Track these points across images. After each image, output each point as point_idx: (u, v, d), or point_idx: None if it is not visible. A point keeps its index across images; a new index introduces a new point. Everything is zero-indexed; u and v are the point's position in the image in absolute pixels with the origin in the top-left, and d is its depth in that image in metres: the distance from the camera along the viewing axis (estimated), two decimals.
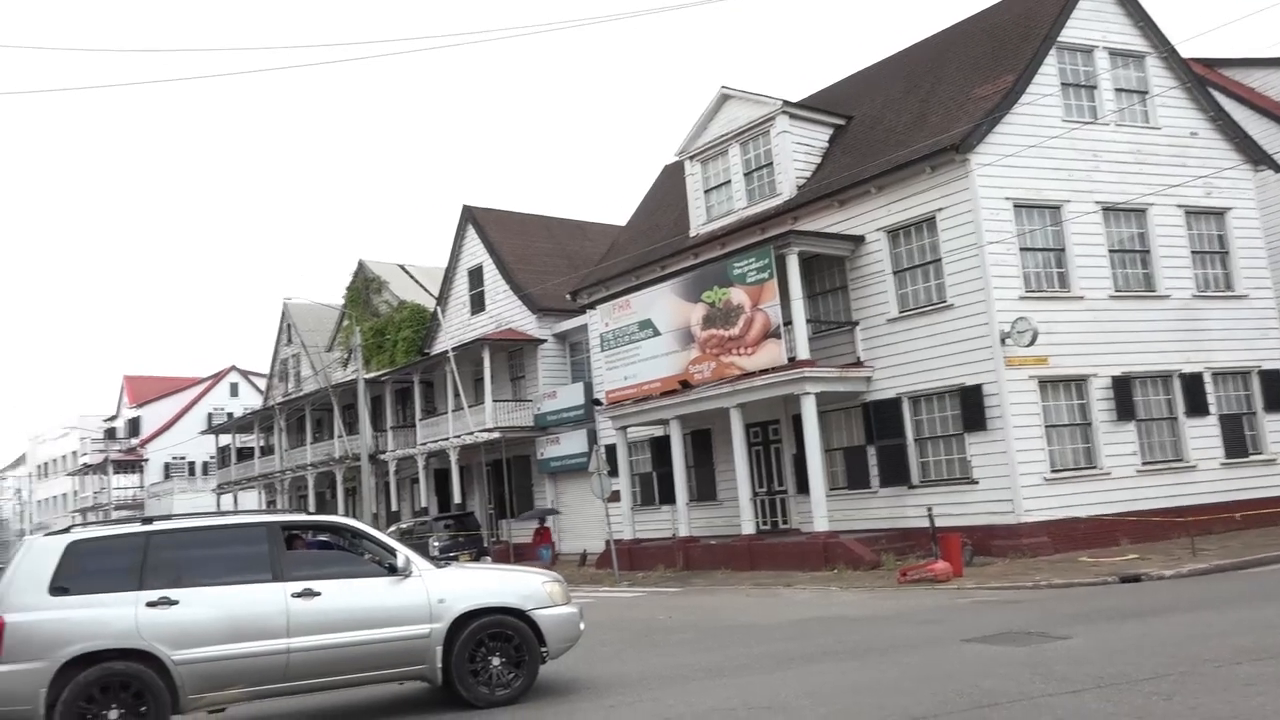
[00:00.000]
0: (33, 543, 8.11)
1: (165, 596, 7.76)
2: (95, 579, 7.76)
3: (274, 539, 8.33)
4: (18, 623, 7.46)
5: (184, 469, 64.18)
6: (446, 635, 8.31)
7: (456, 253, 35.99)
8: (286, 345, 48.64)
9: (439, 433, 33.61)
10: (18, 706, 7.39)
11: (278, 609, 7.95)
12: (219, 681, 7.78)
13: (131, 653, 7.57)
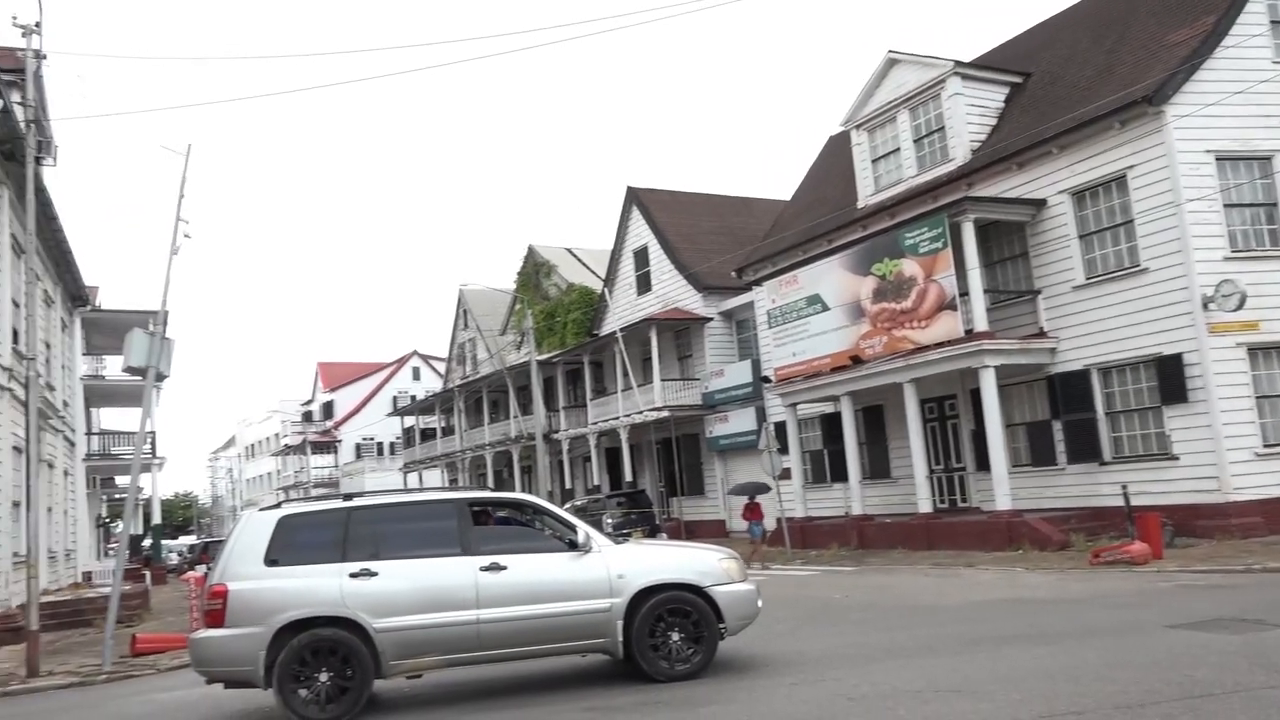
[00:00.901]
0: (249, 517, 8.73)
1: (366, 568, 8.22)
2: (303, 551, 8.30)
3: (462, 515, 8.69)
4: (239, 590, 8.09)
5: (373, 449, 68.00)
6: (626, 610, 8.46)
7: (622, 234, 36.42)
8: (463, 330, 50.61)
9: (609, 412, 34.23)
10: (241, 667, 8.04)
11: (468, 582, 8.29)
12: (416, 649, 8.20)
13: (337, 620, 8.07)
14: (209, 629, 8.17)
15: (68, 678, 12.82)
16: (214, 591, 8.14)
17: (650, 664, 8.46)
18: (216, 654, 8.13)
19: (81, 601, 20.30)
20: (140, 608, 20.98)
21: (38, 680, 12.68)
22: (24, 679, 12.76)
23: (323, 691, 7.99)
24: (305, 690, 7.99)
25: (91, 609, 19.36)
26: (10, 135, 16.34)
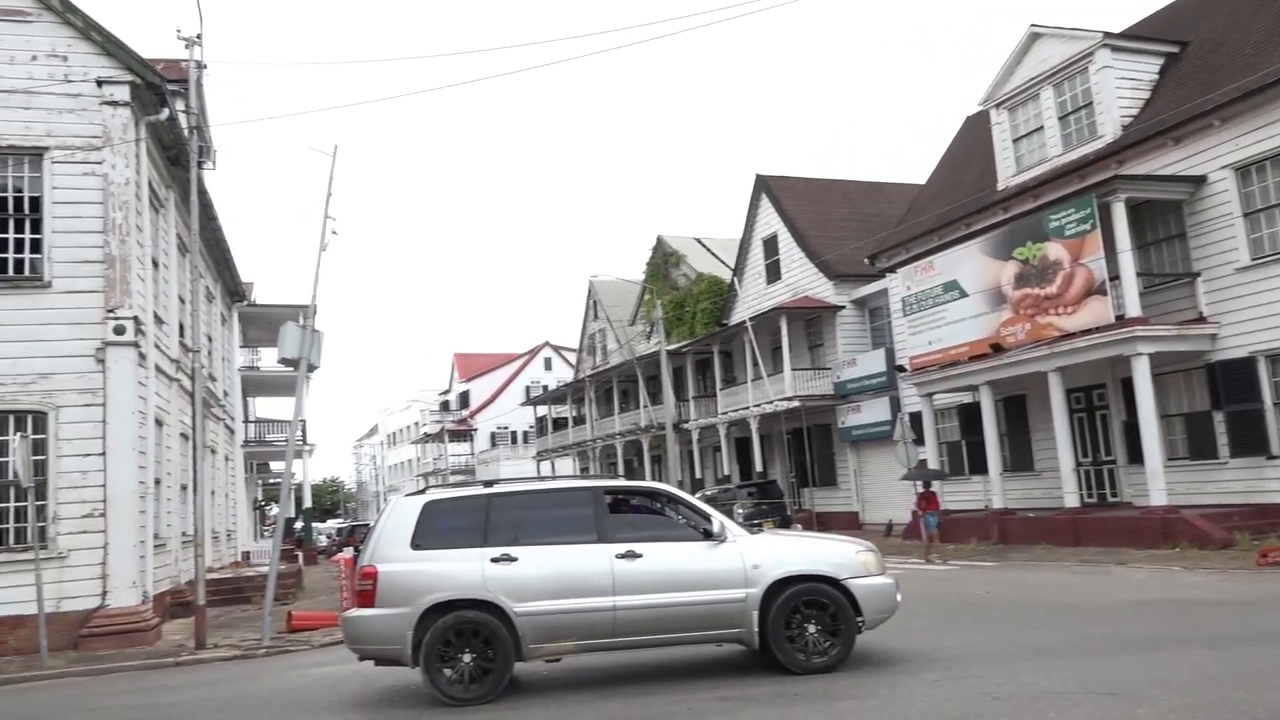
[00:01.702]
0: (396, 503, 9.05)
1: (506, 554, 8.42)
2: (447, 536, 8.55)
3: (598, 502, 8.82)
4: (387, 572, 8.40)
5: (507, 438, 69.73)
6: (762, 601, 8.41)
7: (751, 223, 36.14)
8: (593, 320, 51.28)
9: (739, 402, 34.08)
10: (390, 646, 8.38)
11: (604, 569, 8.40)
12: (554, 633, 8.37)
13: (480, 603, 8.29)
14: (360, 609, 8.52)
15: (231, 651, 13.64)
16: (364, 573, 8.48)
17: (786, 655, 8.39)
18: (367, 632, 8.48)
19: (241, 579, 21.59)
20: (294, 587, 22.16)
21: (204, 652, 13.54)
22: (193, 650, 13.66)
23: (466, 672, 8.22)
24: (450, 670, 8.22)
25: (251, 587, 20.56)
26: (175, 142, 17.42)
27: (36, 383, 14.71)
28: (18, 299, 14.85)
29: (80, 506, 14.62)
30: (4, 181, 15.19)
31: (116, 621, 14.33)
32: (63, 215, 15.18)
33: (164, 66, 16.85)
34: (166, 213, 18.91)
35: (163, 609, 16.53)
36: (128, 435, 14.90)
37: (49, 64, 15.38)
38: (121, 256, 15.20)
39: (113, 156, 15.35)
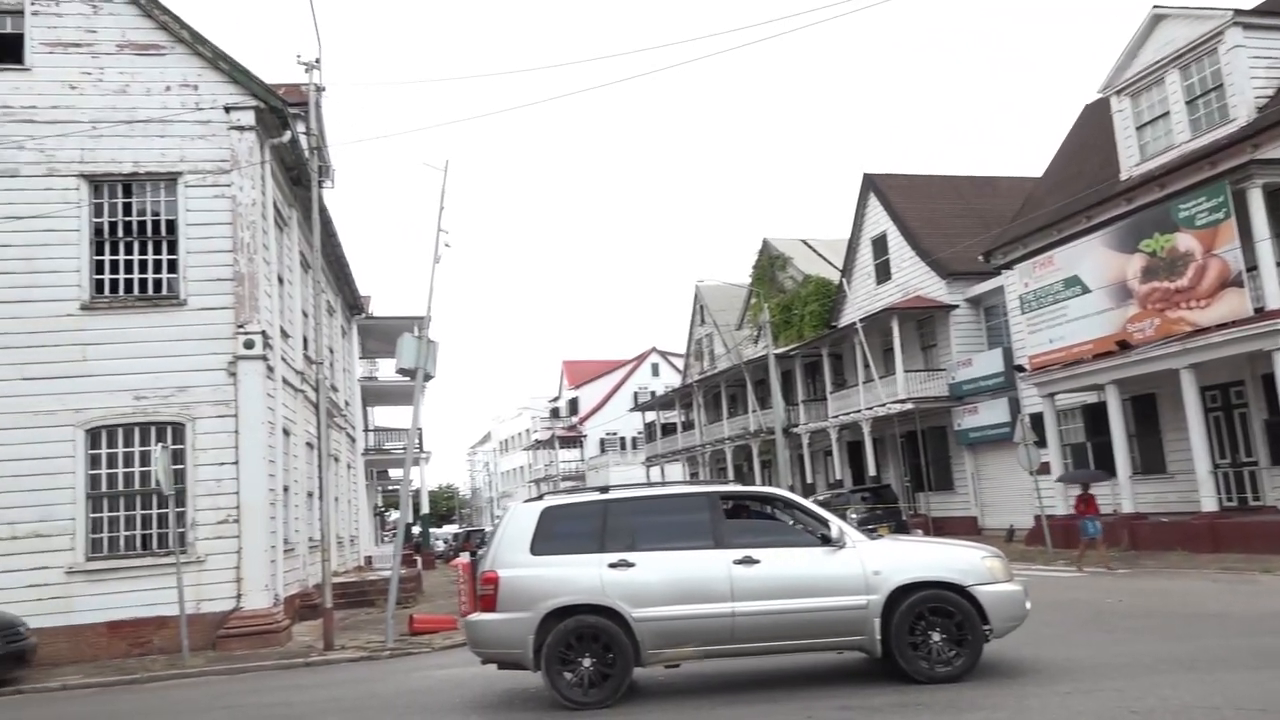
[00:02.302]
0: (515, 508, 9.22)
1: (623, 559, 8.48)
2: (565, 541, 8.65)
3: (714, 508, 8.79)
4: (508, 577, 8.57)
5: (616, 443, 70.27)
6: (884, 608, 8.24)
7: (859, 222, 35.55)
8: (700, 325, 51.24)
9: (850, 405, 33.53)
10: (512, 649, 8.54)
11: (721, 574, 8.36)
12: (673, 639, 8.37)
13: (598, 608, 8.36)
14: (483, 613, 8.68)
15: (357, 652, 14.10)
16: (486, 578, 8.65)
17: (910, 664, 8.19)
18: (490, 636, 8.65)
19: (365, 583, 22.31)
20: (414, 590, 22.77)
21: (332, 653, 14.03)
22: (321, 652, 14.17)
23: (586, 676, 8.31)
24: (570, 674, 8.33)
25: (374, 590, 21.22)
26: (297, 163, 18.17)
27: (175, 395, 15.53)
28: (157, 316, 15.72)
29: (215, 513, 15.36)
30: (143, 206, 16.12)
31: (250, 623, 14.99)
32: (196, 236, 16.00)
33: (285, 91, 17.60)
34: (290, 231, 19.74)
35: (292, 611, 17.21)
36: (258, 445, 15.59)
37: (181, 93, 16.25)
38: (250, 274, 15.93)
39: (240, 179, 16.12)
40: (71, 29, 16.13)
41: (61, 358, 15.31)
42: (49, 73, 15.97)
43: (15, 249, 15.47)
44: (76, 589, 14.88)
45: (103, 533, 15.23)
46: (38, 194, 15.63)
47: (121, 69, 16.14)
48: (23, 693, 12.77)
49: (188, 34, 16.31)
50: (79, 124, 15.86)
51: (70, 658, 14.50)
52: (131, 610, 14.89)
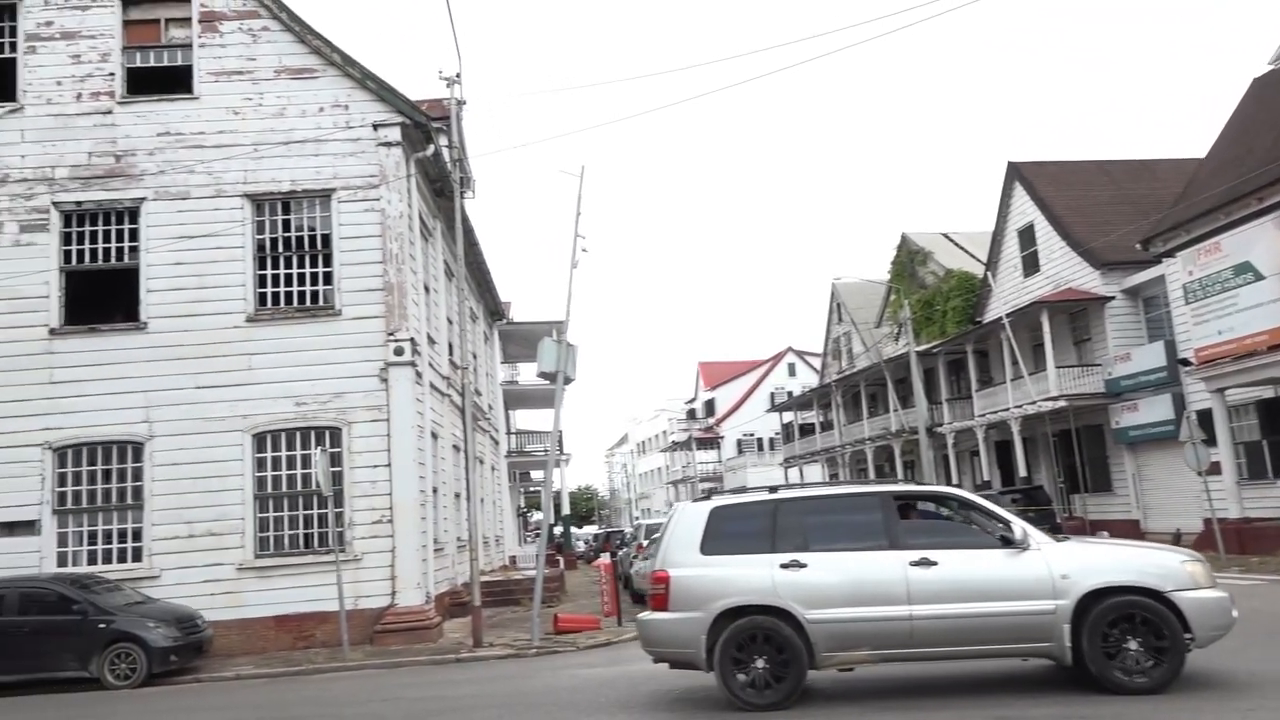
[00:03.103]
0: (683, 508, 9.16)
1: (795, 560, 8.35)
2: (734, 541, 8.59)
3: (888, 508, 8.56)
4: (679, 577, 8.56)
5: (753, 445, 69.86)
6: (1073, 613, 7.81)
7: (1003, 214, 34.21)
8: (837, 324, 50.40)
9: (997, 403, 32.28)
10: (685, 649, 8.51)
11: (897, 576, 8.14)
12: (847, 642, 8.19)
13: (770, 609, 8.27)
14: (655, 612, 8.70)
15: (504, 650, 14.47)
16: (657, 577, 8.67)
17: (1104, 674, 7.72)
18: (662, 635, 8.67)
19: (510, 582, 22.89)
20: (558, 590, 23.22)
21: (481, 650, 14.45)
22: (471, 648, 14.61)
23: (759, 677, 8.22)
24: (743, 675, 8.25)
25: (519, 589, 21.75)
26: (440, 175, 18.82)
27: (332, 401, 16.32)
28: (315, 326, 16.57)
29: (370, 513, 16.06)
30: (300, 222, 17.02)
31: (405, 619, 15.60)
32: (348, 249, 16.78)
33: (428, 106, 18.25)
34: (434, 241, 20.46)
35: (442, 609, 17.81)
36: (409, 448, 16.21)
37: (333, 113, 17.08)
38: (398, 284, 16.59)
39: (388, 193, 16.81)
40: (234, 58, 17.19)
41: (230, 367, 16.32)
42: (214, 100, 17.07)
43: (187, 266, 16.59)
44: (246, 584, 15.83)
45: (269, 531, 16.15)
46: (206, 214, 16.73)
47: (279, 93, 17.09)
48: (201, 681, 13.67)
49: (338, 57, 17.13)
50: (242, 147, 16.89)
51: (242, 649, 15.44)
52: (296, 605, 15.74)
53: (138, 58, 17.36)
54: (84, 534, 16.10)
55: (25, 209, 16.72)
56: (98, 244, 16.86)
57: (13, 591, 13.88)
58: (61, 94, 17.03)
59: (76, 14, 17.22)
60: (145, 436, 16.15)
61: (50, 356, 16.37)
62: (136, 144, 16.94)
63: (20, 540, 15.82)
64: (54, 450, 16.12)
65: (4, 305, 16.40)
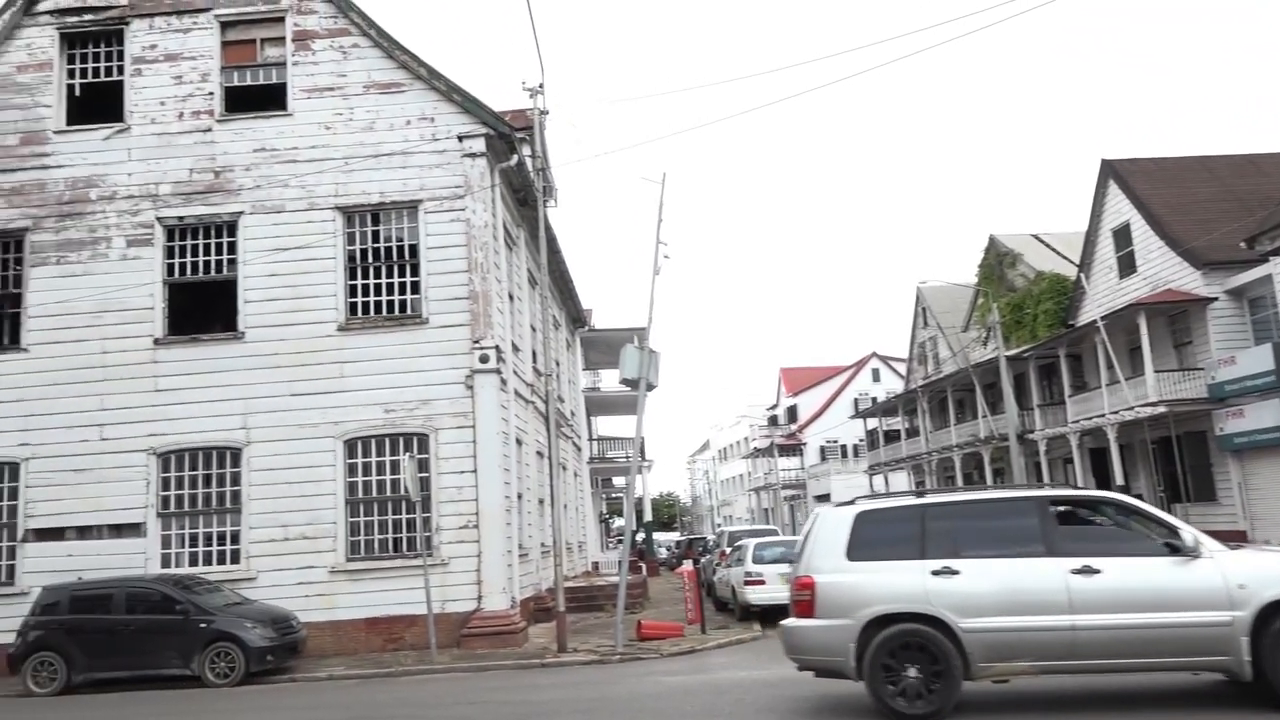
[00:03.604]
0: (825, 513, 8.95)
1: (947, 566, 8.11)
2: (881, 546, 8.38)
3: (1044, 513, 8.25)
4: (825, 583, 8.37)
5: (837, 451, 68.91)
6: (1253, 625, 7.41)
7: (1097, 213, 33.14)
8: (922, 328, 49.47)
9: (1091, 409, 31.23)
10: (832, 657, 8.33)
11: (1057, 585, 7.84)
12: (1004, 653, 7.91)
13: (922, 617, 8.03)
14: (799, 619, 8.53)
15: (588, 655, 14.54)
16: (802, 583, 8.50)
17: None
18: (809, 643, 8.49)
19: (593, 588, 23.01)
20: (640, 597, 23.25)
21: (565, 656, 14.54)
22: (555, 654, 14.72)
23: (911, 687, 7.99)
24: (894, 685, 8.03)
25: (601, 595, 21.84)
26: (523, 184, 19.06)
27: (419, 408, 16.65)
28: (404, 334, 16.93)
29: (457, 519, 16.32)
30: (389, 232, 17.43)
31: (490, 623, 15.80)
32: (435, 259, 17.12)
33: (511, 116, 18.52)
34: (518, 250, 20.73)
35: (526, 614, 17.99)
36: (494, 454, 16.43)
37: (420, 126, 17.46)
38: (483, 292, 16.85)
39: (473, 203, 17.10)
40: (325, 75, 17.71)
41: (322, 375, 16.79)
42: (307, 115, 17.61)
43: (282, 277, 17.13)
44: (338, 587, 16.24)
45: (359, 536, 16.54)
46: (300, 226, 17.26)
47: (368, 107, 17.55)
48: (295, 680, 14.06)
49: (425, 71, 17.50)
50: (333, 160, 17.38)
51: (334, 650, 15.84)
52: (385, 608, 16.08)
53: (235, 77, 18.01)
54: (185, 536, 16.73)
55: (131, 224, 17.48)
56: (198, 257, 17.53)
57: (120, 591, 14.49)
58: (164, 113, 17.77)
59: (178, 36, 17.96)
60: (243, 442, 16.72)
61: (155, 365, 17.07)
62: (234, 160, 17.57)
63: (127, 542, 16.53)
64: (158, 455, 16.80)
65: (113, 317, 17.17)
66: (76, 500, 16.67)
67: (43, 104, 17.92)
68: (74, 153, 17.76)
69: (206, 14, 17.97)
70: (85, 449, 16.81)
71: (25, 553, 16.66)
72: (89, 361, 17.06)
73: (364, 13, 17.79)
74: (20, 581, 16.44)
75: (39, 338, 17.24)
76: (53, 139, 17.84)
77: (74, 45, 18.26)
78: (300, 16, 17.90)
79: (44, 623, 14.34)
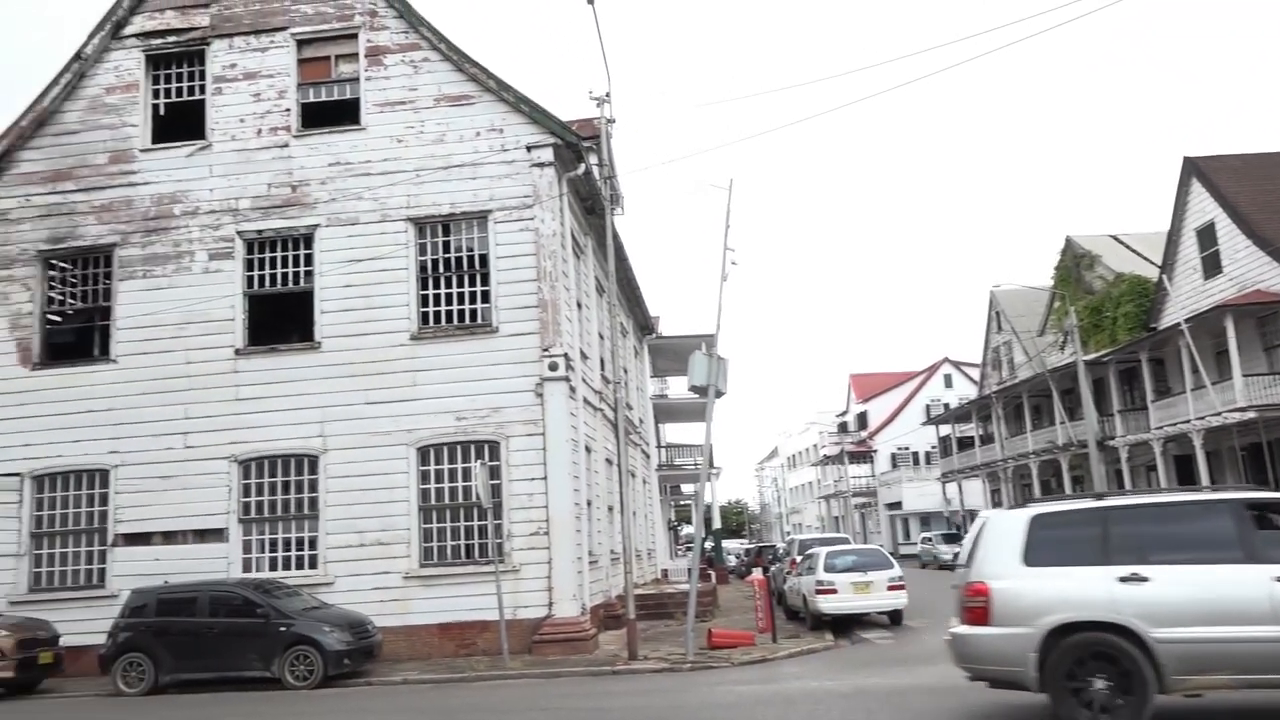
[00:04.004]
0: (996, 517, 8.64)
1: (1135, 573, 7.72)
2: (1060, 551, 8.02)
3: (1241, 517, 7.86)
4: (1001, 590, 8.02)
5: (908, 459, 67.79)
6: None
7: (1179, 212, 32.10)
8: (996, 333, 48.45)
9: (1176, 414, 30.21)
10: (1009, 667, 7.95)
11: (1260, 593, 7.42)
12: (1201, 665, 7.52)
13: (1108, 626, 7.66)
14: (972, 626, 8.20)
15: (659, 663, 14.50)
16: (975, 589, 8.17)
17: None
18: (984, 652, 8.15)
19: (663, 595, 22.96)
20: (710, 605, 23.12)
21: (636, 663, 14.53)
22: (626, 661, 14.71)
23: (1097, 700, 7.63)
24: (1079, 698, 7.68)
25: (671, 603, 21.78)
26: (590, 193, 19.17)
27: (490, 416, 16.83)
28: (475, 343, 17.14)
29: (527, 525, 16.43)
30: (459, 243, 17.68)
31: (561, 630, 15.87)
32: (504, 268, 17.30)
33: (578, 125, 18.65)
34: (585, 258, 20.84)
35: (597, 621, 18.02)
36: (564, 461, 16.52)
37: (489, 138, 17.68)
38: (552, 301, 16.97)
39: (541, 212, 17.25)
40: (397, 89, 18.05)
41: (396, 384, 17.08)
42: (380, 129, 17.97)
43: (356, 288, 17.48)
44: (412, 592, 16.47)
45: (432, 542, 16.77)
46: (373, 238, 17.60)
47: (438, 120, 17.83)
48: (371, 684, 14.30)
49: (494, 83, 17.73)
50: (405, 173, 17.70)
51: (408, 654, 16.07)
52: (458, 614, 16.26)
53: (310, 93, 18.47)
54: (265, 541, 17.15)
55: (213, 238, 18.03)
56: (276, 269, 18.00)
57: (204, 595, 14.91)
58: (244, 130, 18.30)
59: (257, 55, 18.48)
60: (320, 450, 17.08)
61: (235, 375, 17.55)
62: (310, 174, 18.01)
63: (210, 546, 17.01)
64: (239, 463, 17.26)
65: (196, 328, 17.71)
66: (162, 506, 17.22)
67: (129, 123, 18.60)
68: (159, 170, 18.40)
69: (283, 33, 18.47)
70: (170, 456, 17.36)
71: (115, 557, 17.26)
72: (174, 372, 17.62)
73: (434, 27, 18.10)
74: (110, 585, 17.03)
75: (127, 349, 17.86)
76: (139, 157, 18.49)
77: (158, 66, 18.93)
78: (373, 33, 18.29)
79: (133, 625, 14.83)
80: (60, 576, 17.49)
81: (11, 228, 18.51)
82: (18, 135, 18.58)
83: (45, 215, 18.47)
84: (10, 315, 18.31)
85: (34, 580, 17.44)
